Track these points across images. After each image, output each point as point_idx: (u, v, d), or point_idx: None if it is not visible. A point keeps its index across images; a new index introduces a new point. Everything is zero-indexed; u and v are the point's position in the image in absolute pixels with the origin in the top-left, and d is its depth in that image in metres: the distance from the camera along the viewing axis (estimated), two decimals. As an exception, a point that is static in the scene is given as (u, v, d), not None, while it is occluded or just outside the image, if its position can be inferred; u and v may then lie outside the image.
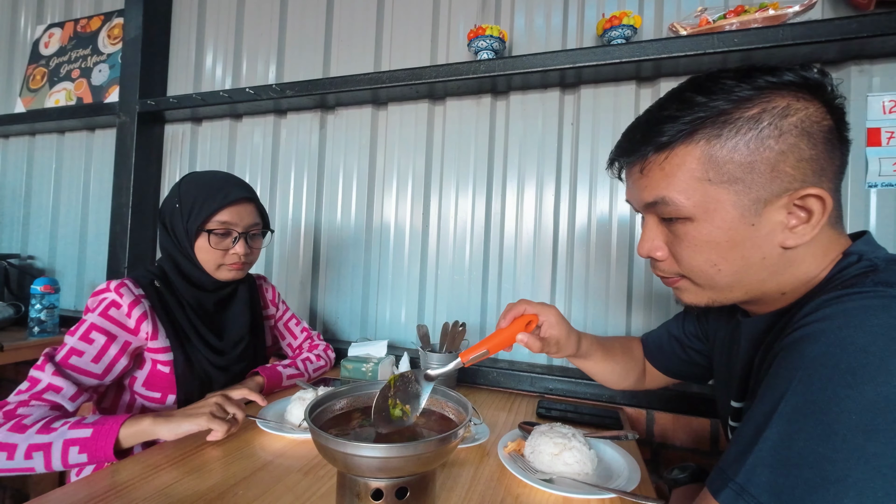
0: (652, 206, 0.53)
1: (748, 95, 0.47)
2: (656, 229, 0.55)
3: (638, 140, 0.53)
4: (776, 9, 0.99)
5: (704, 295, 0.55)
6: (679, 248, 0.53)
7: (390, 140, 1.40)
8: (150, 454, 0.71)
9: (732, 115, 0.47)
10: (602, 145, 1.19)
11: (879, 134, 0.99)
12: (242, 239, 0.90)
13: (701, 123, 0.48)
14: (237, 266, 0.91)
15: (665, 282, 0.58)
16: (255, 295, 1.07)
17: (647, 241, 0.56)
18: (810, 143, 0.46)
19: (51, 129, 1.86)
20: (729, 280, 0.52)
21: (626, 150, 0.55)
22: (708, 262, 0.51)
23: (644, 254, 0.57)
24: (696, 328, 0.77)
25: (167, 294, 0.88)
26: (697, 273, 0.53)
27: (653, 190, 0.52)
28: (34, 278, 1.51)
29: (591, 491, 0.62)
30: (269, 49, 1.54)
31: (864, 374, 0.37)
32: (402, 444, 0.48)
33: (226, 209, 0.87)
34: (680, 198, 0.50)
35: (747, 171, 0.47)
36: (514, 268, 1.25)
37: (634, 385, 0.86)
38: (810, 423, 0.38)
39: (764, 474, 0.39)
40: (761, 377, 0.46)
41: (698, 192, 0.49)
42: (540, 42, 1.25)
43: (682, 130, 0.49)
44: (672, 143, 0.50)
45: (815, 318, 0.42)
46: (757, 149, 0.46)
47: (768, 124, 0.46)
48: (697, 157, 0.49)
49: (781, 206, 0.47)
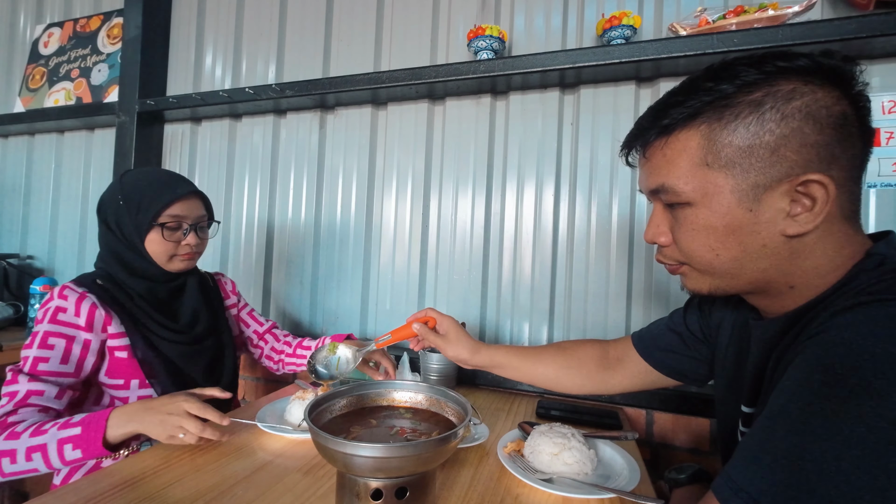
0: (655, 192, 0.54)
1: (754, 80, 0.46)
2: (661, 215, 0.56)
3: (645, 125, 0.54)
4: (776, 9, 0.99)
5: (706, 281, 0.54)
6: (680, 234, 0.53)
7: (390, 140, 1.40)
8: (149, 454, 0.71)
9: (735, 98, 0.47)
10: (602, 145, 1.19)
11: (879, 134, 0.99)
12: (193, 231, 0.93)
13: (703, 107, 0.48)
14: (188, 256, 0.94)
15: (668, 269, 0.58)
16: (209, 286, 1.09)
17: (653, 226, 0.56)
18: (816, 127, 0.45)
19: (50, 129, 1.86)
20: (728, 266, 0.51)
21: (635, 134, 0.56)
22: (706, 248, 0.51)
23: (648, 239, 0.57)
24: (700, 323, 0.74)
25: (114, 289, 0.90)
26: (697, 258, 0.53)
27: (656, 176, 0.53)
28: (33, 278, 1.50)
29: (590, 491, 0.62)
30: (269, 49, 1.54)
31: (889, 385, 0.35)
32: (402, 444, 0.48)
33: (176, 203, 0.91)
34: (679, 183, 0.50)
35: (746, 155, 0.46)
36: (514, 267, 1.25)
37: (592, 387, 0.81)
38: (826, 435, 0.36)
39: (775, 485, 0.38)
40: (774, 382, 0.45)
41: (697, 177, 0.49)
42: (540, 42, 1.25)
43: (685, 114, 0.49)
44: (674, 126, 0.50)
45: (835, 324, 0.41)
46: (757, 133, 0.46)
47: (770, 107, 0.45)
48: (697, 142, 0.49)
49: (783, 192, 0.46)
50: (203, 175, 1.63)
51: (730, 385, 0.65)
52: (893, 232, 0.51)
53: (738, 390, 0.61)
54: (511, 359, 0.82)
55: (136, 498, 0.58)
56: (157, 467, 0.66)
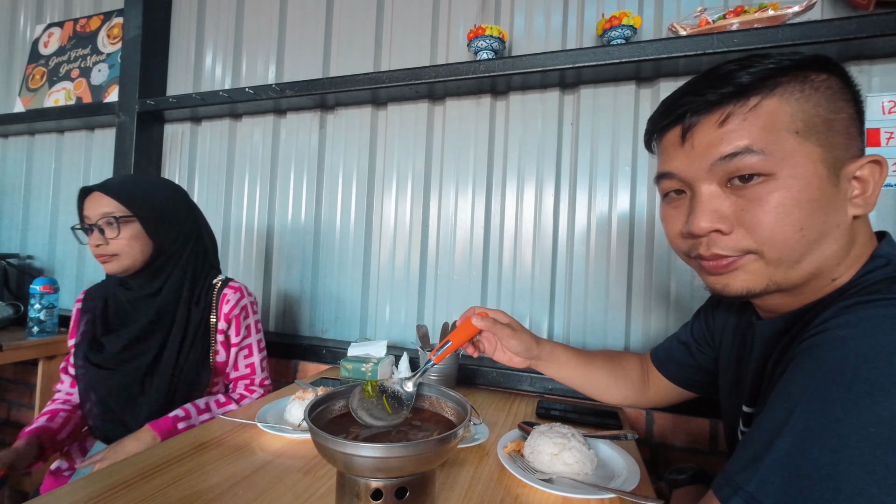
0: (728, 160, 0.46)
1: (811, 61, 0.46)
2: (719, 198, 0.48)
3: (712, 87, 0.48)
4: (776, 9, 0.99)
5: (767, 275, 0.48)
6: (759, 214, 0.46)
7: (390, 140, 1.40)
8: (149, 454, 0.71)
9: (807, 74, 0.46)
10: (601, 145, 1.19)
11: (879, 134, 0.99)
12: (95, 230, 0.91)
13: (781, 75, 0.45)
14: (100, 258, 0.91)
15: (718, 264, 0.49)
16: (195, 296, 0.99)
17: (708, 211, 0.48)
18: (861, 119, 0.48)
19: (50, 129, 1.86)
20: (806, 249, 0.46)
21: (698, 104, 0.48)
22: (794, 226, 0.45)
23: (707, 226, 0.48)
24: (704, 331, 0.74)
25: (102, 296, 0.96)
26: (779, 240, 0.46)
27: (734, 141, 0.46)
28: (33, 278, 1.50)
29: (590, 491, 0.62)
30: (269, 49, 1.54)
31: (887, 385, 0.35)
32: (402, 444, 0.48)
33: (85, 203, 0.91)
34: (769, 147, 0.45)
35: (830, 128, 0.45)
36: (514, 267, 1.25)
37: (634, 399, 0.81)
38: (826, 434, 0.36)
39: (775, 485, 0.38)
40: (774, 382, 0.45)
41: (787, 144, 0.45)
42: (540, 42, 1.25)
43: (766, 79, 0.45)
44: (756, 89, 0.46)
45: (835, 324, 0.40)
46: (834, 108, 0.46)
47: (839, 89, 0.46)
48: (785, 108, 0.45)
49: (852, 171, 0.46)
50: (203, 175, 1.63)
51: (732, 386, 0.65)
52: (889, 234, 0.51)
53: (739, 390, 0.61)
54: (569, 356, 0.77)
55: (136, 498, 0.58)
56: (158, 467, 0.66)
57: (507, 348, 0.72)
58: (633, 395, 0.82)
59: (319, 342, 1.37)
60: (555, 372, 0.78)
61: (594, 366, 0.80)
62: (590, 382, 0.80)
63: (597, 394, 0.81)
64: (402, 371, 1.04)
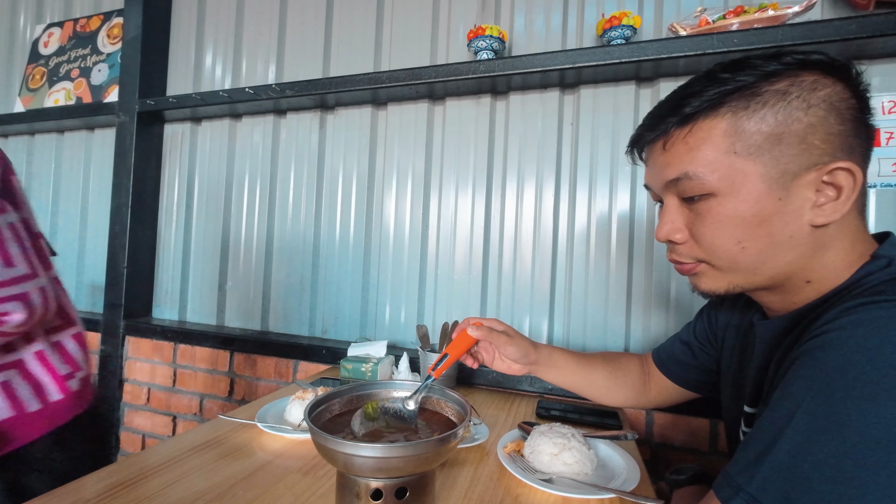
0: (674, 183, 0.51)
1: (775, 70, 0.46)
2: (676, 211, 0.53)
3: (662, 115, 0.52)
4: (776, 9, 0.99)
5: (724, 279, 0.52)
6: (702, 228, 0.50)
7: (390, 140, 1.40)
8: (149, 454, 0.71)
9: (760, 87, 0.46)
10: (601, 145, 1.19)
11: (879, 134, 0.99)
12: None
13: (726, 96, 0.47)
14: None
15: (681, 268, 0.55)
16: None
17: (667, 223, 0.54)
18: (839, 118, 0.46)
19: (50, 129, 1.86)
20: (753, 260, 0.49)
21: (649, 126, 0.54)
22: (732, 240, 0.49)
23: (663, 237, 0.54)
24: (707, 330, 0.74)
25: None
26: (720, 253, 0.50)
27: (676, 166, 0.50)
28: (33, 278, 1.50)
29: (590, 491, 0.62)
30: (269, 49, 1.54)
31: (890, 386, 0.35)
32: (402, 444, 0.48)
33: None
34: (704, 171, 0.48)
35: (775, 142, 0.46)
36: (514, 268, 1.25)
37: (635, 400, 0.81)
38: (828, 436, 0.36)
39: (777, 486, 0.38)
40: (776, 382, 0.45)
41: (724, 166, 0.47)
42: (539, 42, 1.25)
43: (707, 102, 0.48)
44: (696, 115, 0.49)
45: (838, 325, 0.40)
46: (785, 120, 0.45)
47: (797, 97, 0.45)
48: (723, 130, 0.47)
49: (811, 181, 0.46)
50: (203, 175, 1.63)
51: (734, 386, 0.65)
52: (893, 234, 0.51)
53: (741, 390, 0.61)
54: (568, 360, 0.77)
55: (136, 498, 0.58)
56: (157, 467, 0.66)
57: (505, 356, 0.72)
58: (634, 397, 0.81)
59: (319, 342, 1.37)
60: (554, 377, 0.78)
61: (594, 368, 0.79)
62: (590, 386, 0.79)
63: (597, 397, 0.81)
64: (402, 372, 1.04)
